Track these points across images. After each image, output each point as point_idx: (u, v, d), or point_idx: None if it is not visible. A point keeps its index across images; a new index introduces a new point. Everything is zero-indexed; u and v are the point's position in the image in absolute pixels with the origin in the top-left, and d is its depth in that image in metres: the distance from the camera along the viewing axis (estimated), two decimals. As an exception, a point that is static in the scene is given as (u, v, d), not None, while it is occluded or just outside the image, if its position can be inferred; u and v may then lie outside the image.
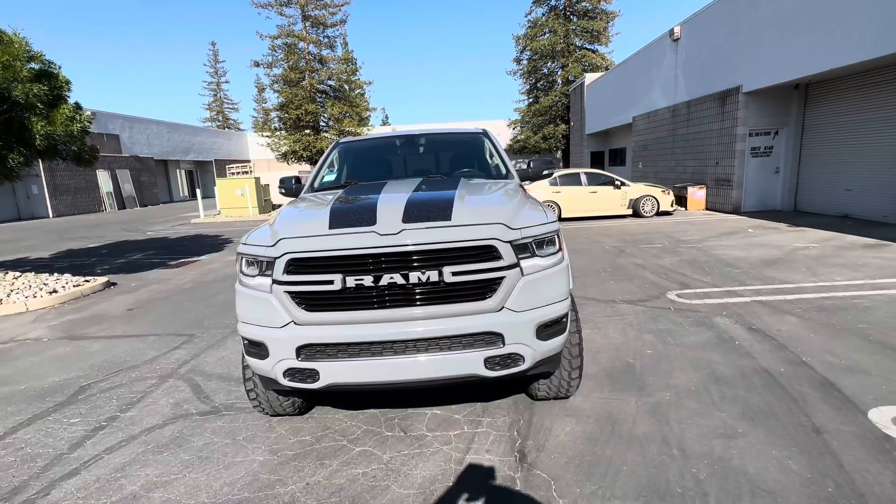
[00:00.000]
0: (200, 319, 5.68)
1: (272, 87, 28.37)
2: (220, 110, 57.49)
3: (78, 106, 7.76)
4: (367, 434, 2.98)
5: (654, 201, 12.97)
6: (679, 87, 15.77)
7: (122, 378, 4.07)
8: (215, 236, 13.96)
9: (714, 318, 4.79)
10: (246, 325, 2.58)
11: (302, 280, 2.37)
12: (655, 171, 17.85)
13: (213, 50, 56.66)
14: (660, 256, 7.88)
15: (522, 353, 2.43)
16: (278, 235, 2.46)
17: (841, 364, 3.60)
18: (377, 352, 2.38)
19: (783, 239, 8.87)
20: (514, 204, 2.70)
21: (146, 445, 2.99)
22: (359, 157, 4.45)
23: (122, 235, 15.35)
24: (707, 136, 14.17)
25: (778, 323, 4.54)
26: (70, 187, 25.49)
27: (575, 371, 2.97)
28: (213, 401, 3.57)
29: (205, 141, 40.70)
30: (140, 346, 4.89)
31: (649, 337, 4.37)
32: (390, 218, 2.40)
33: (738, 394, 3.23)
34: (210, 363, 4.29)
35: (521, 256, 2.44)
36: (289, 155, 28.15)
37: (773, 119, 12.57)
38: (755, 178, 12.95)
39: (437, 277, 2.31)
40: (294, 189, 4.04)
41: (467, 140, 4.47)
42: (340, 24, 28.79)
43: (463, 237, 2.33)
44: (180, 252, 11.18)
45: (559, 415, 3.08)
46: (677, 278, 6.39)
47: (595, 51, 32.73)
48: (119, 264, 9.88)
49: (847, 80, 10.72)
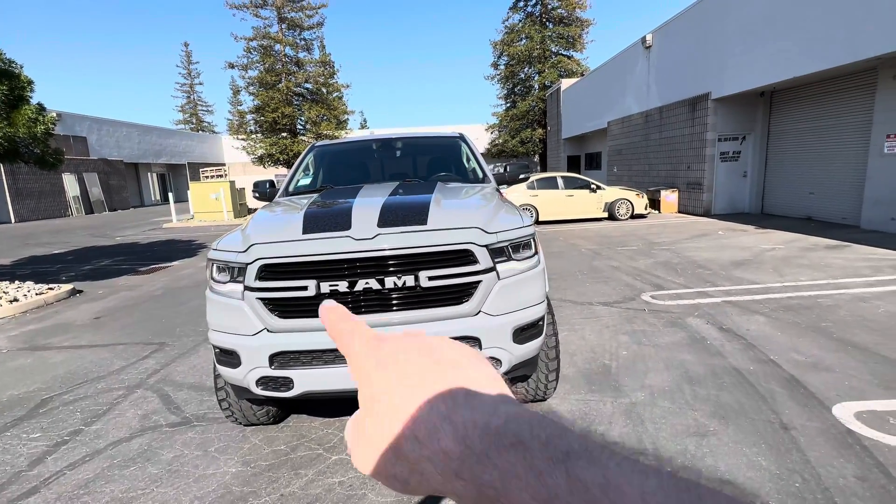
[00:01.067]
0: (171, 327, 5.51)
1: (248, 89, 27.94)
2: (193, 112, 56.19)
3: (41, 107, 7.47)
4: (343, 442, 2.94)
5: (629, 204, 13.23)
6: (652, 93, 16.17)
7: (87, 390, 3.91)
8: (188, 241, 13.59)
9: (687, 318, 4.90)
10: (217, 333, 2.51)
11: (275, 286, 2.32)
12: (630, 175, 18.23)
13: (185, 51, 55.40)
14: (634, 259, 8.03)
15: (499, 357, 2.44)
16: (250, 241, 2.41)
17: (806, 362, 3.72)
18: (353, 359, 2.34)
19: (751, 241, 9.16)
20: (490, 208, 2.71)
21: (112, 460, 2.88)
22: (334, 160, 4.40)
23: (89, 241, 14.81)
24: (679, 140, 14.56)
25: (747, 322, 4.68)
26: (34, 191, 24.48)
27: (552, 373, 2.99)
28: (184, 411, 3.46)
29: (178, 144, 39.68)
30: (107, 356, 4.71)
31: (625, 338, 4.44)
32: (365, 222, 2.37)
33: (710, 393, 3.30)
34: (181, 372, 4.16)
35: (498, 260, 2.44)
36: (265, 158, 27.72)
37: (740, 125, 13.00)
38: (725, 181, 13.36)
39: (413, 282, 2.30)
40: (268, 193, 3.97)
41: (444, 144, 4.47)
42: (318, 27, 28.57)
43: (439, 241, 2.32)
44: (151, 258, 10.85)
45: (537, 417, 3.09)
46: (651, 280, 6.52)
47: (571, 57, 33.34)
48: (86, 271, 9.52)
49: (808, 88, 11.17)
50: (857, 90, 9.93)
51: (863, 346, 3.96)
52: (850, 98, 10.15)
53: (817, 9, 9.40)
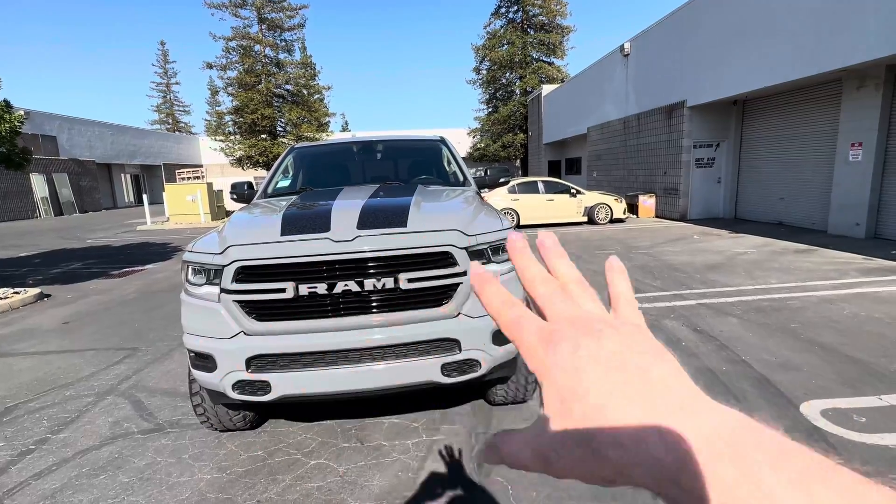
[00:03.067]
0: (145, 332, 5.37)
1: (226, 90, 27.50)
2: (170, 112, 54.95)
3: (7, 104, 7.23)
4: (322, 446, 2.91)
5: (608, 209, 13.46)
6: (630, 100, 16.52)
7: (55, 397, 3.78)
8: (163, 244, 13.27)
9: (663, 320, 5.00)
10: (192, 337, 2.46)
11: (252, 289, 2.29)
12: (609, 180, 18.55)
13: (162, 50, 54.18)
14: (613, 262, 8.15)
15: (479, 359, 2.45)
16: (227, 242, 2.37)
17: (775, 362, 3.84)
18: (332, 361, 2.33)
19: (725, 245, 9.41)
20: (470, 211, 2.73)
21: (80, 469, 2.78)
22: (314, 162, 4.37)
23: (58, 243, 14.31)
24: (656, 147, 14.90)
25: (720, 324, 4.80)
26: (-1, 191, 23.58)
27: (531, 375, 3.01)
28: (157, 418, 3.37)
29: (153, 144, 38.74)
30: (76, 361, 4.56)
31: (603, 340, 4.50)
32: (345, 224, 2.36)
33: (685, 393, 3.38)
34: (154, 378, 4.05)
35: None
36: (244, 160, 27.29)
37: (715, 132, 13.39)
38: (700, 187, 13.72)
39: (392, 284, 2.30)
40: (246, 195, 3.91)
41: (425, 147, 4.48)
42: (298, 28, 28.34)
43: (418, 244, 2.33)
44: (124, 261, 10.55)
45: (517, 419, 3.11)
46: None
47: (551, 63, 33.82)
48: (54, 274, 9.20)
49: (779, 97, 11.58)
50: (823, 100, 10.34)
51: (829, 346, 4.11)
52: (818, 108, 10.55)
53: (786, 22, 9.77)
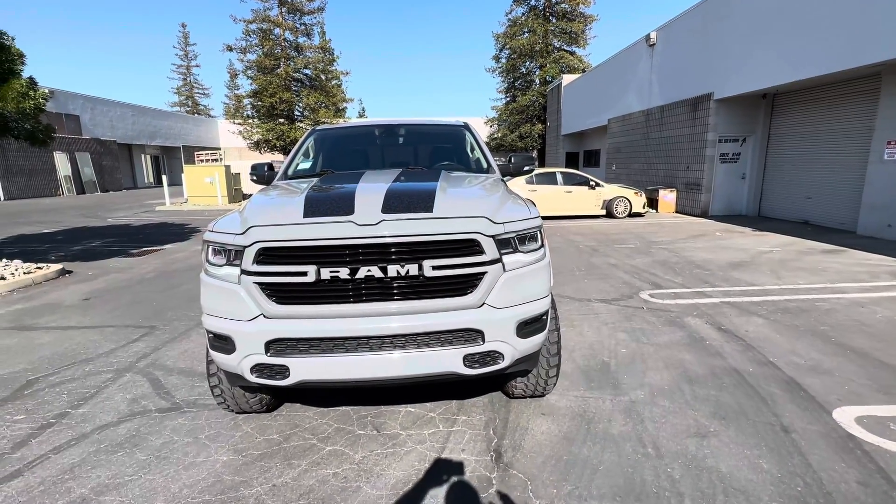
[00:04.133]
0: (163, 310, 5.41)
1: (245, 73, 27.56)
2: (189, 95, 55.41)
3: (32, 81, 7.27)
4: (338, 432, 2.88)
5: (627, 203, 13.20)
6: (653, 91, 16.10)
7: (75, 372, 3.82)
8: (181, 225, 13.41)
9: (685, 318, 4.87)
10: (211, 318, 2.42)
11: (273, 271, 2.24)
12: (628, 174, 18.21)
13: (183, 32, 54.53)
14: (632, 257, 8.00)
15: (502, 351, 2.38)
16: (248, 223, 2.32)
17: (805, 365, 3.70)
18: (352, 348, 2.27)
19: (748, 243, 9.16)
20: (496, 198, 2.64)
21: (98, 444, 2.80)
22: (335, 145, 4.30)
23: (80, 221, 14.57)
24: (679, 140, 14.52)
25: (746, 324, 4.66)
26: (24, 169, 24.06)
27: (553, 369, 2.94)
28: (174, 397, 3.38)
29: (173, 126, 39.13)
30: (96, 337, 4.61)
31: (623, 336, 4.40)
32: (369, 208, 2.29)
33: (710, 393, 3.27)
34: (172, 357, 4.07)
35: (504, 252, 2.37)
36: (261, 144, 27.43)
37: (741, 127, 12.98)
38: (723, 183, 13.36)
39: (416, 271, 2.23)
40: (266, 176, 3.87)
41: (448, 132, 4.38)
42: (318, 12, 28.19)
43: (445, 230, 2.25)
44: (143, 240, 10.68)
45: (535, 413, 3.05)
46: (650, 278, 6.49)
47: (573, 53, 33.14)
48: (76, 251, 9.35)
49: (811, 91, 11.16)
50: (859, 95, 9.92)
51: (861, 350, 3.95)
52: (853, 103, 10.14)
53: (823, 12, 9.35)
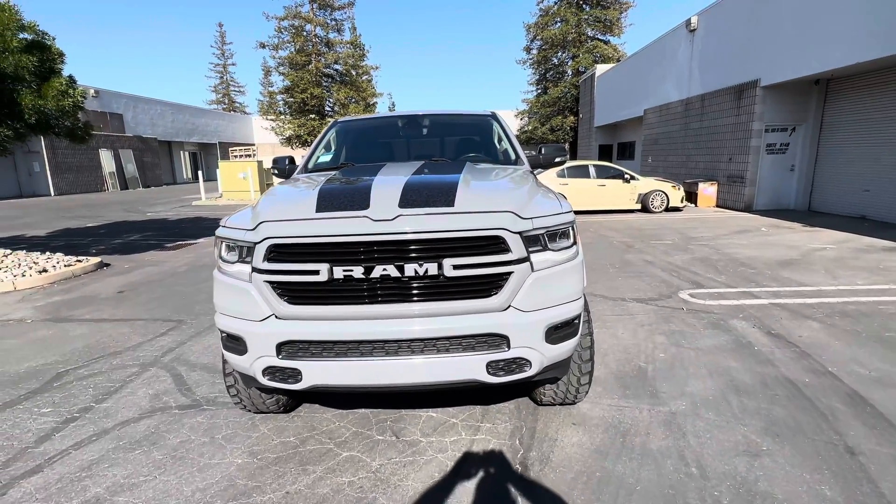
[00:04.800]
0: (191, 304, 5.46)
1: (278, 69, 28.01)
2: (226, 93, 56.99)
3: (72, 80, 7.48)
4: (356, 437, 2.75)
5: (664, 196, 12.63)
6: (694, 79, 15.32)
7: (103, 365, 3.86)
8: (215, 219, 13.73)
9: (730, 320, 4.52)
10: (223, 317, 2.33)
11: (284, 269, 2.11)
12: (665, 166, 17.46)
13: (220, 31, 56.05)
14: (670, 253, 7.59)
15: (529, 358, 2.18)
16: (259, 218, 2.20)
17: (870, 376, 3.33)
18: (367, 352, 2.12)
19: (798, 239, 8.55)
20: (524, 191, 2.43)
21: (118, 441, 2.77)
22: (358, 137, 4.17)
23: (121, 216, 15.15)
24: (721, 130, 13.77)
25: (799, 328, 4.27)
26: (72, 166, 25.28)
27: (585, 376, 2.72)
28: (195, 393, 3.34)
29: (209, 123, 40.33)
30: (126, 330, 4.67)
31: (661, 339, 4.11)
32: (385, 202, 2.13)
33: (761, 406, 2.97)
34: (196, 352, 4.06)
35: (532, 249, 2.17)
36: (293, 139, 27.87)
37: (790, 115, 12.16)
38: (769, 175, 12.58)
39: (436, 270, 2.05)
40: (287, 170, 3.78)
41: (474, 122, 4.17)
42: (348, 7, 28.30)
43: (467, 226, 2.06)
44: (178, 234, 10.97)
45: (566, 423, 2.84)
46: (689, 277, 6.11)
47: (607, 42, 32.09)
48: (115, 245, 9.67)
49: (871, 75, 10.29)
50: (928, 78, 9.07)
51: (936, 361, 3.53)
52: (920, 87, 9.28)
53: (888, -13, 8.57)
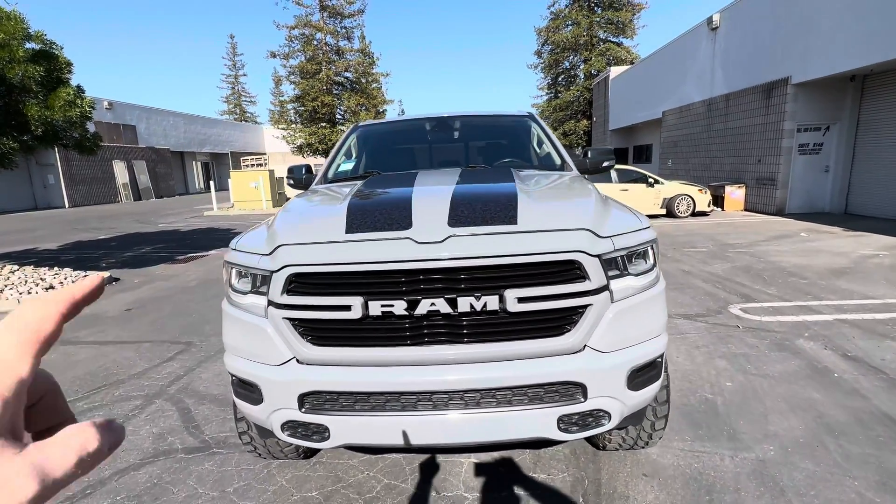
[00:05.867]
0: (201, 324, 5.11)
1: (289, 78, 27.97)
2: (237, 103, 57.47)
3: (80, 89, 7.25)
4: (387, 490, 2.34)
5: (690, 201, 12.10)
6: (716, 79, 14.78)
7: (104, 396, 3.51)
8: (227, 230, 13.50)
9: (796, 340, 4.04)
10: (234, 358, 1.94)
11: (308, 304, 1.72)
12: (687, 169, 16.89)
13: (231, 43, 56.65)
14: (708, 262, 7.09)
15: (609, 409, 1.75)
16: (277, 240, 1.81)
17: (984, 411, 2.84)
18: (410, 405, 1.72)
19: (844, 245, 7.99)
20: (594, 203, 2.01)
21: (115, 496, 2.40)
22: (381, 142, 3.79)
23: (133, 227, 15.00)
24: (748, 131, 13.20)
25: (878, 350, 3.78)
26: (86, 177, 25.38)
27: (661, 420, 2.28)
28: (204, 432, 2.97)
29: (221, 133, 40.54)
30: (131, 355, 4.33)
31: (723, 363, 3.65)
32: (431, 219, 1.73)
33: (866, 451, 2.50)
34: (205, 380, 3.70)
35: (611, 276, 1.76)
36: (304, 148, 27.75)
37: (824, 113, 11.58)
38: (802, 177, 11.98)
39: (496, 304, 1.64)
40: (304, 180, 3.41)
41: (510, 125, 3.77)
42: (358, 14, 28.20)
43: (535, 248, 1.65)
44: (189, 246, 10.71)
45: (635, 474, 2.40)
46: (735, 289, 5.62)
47: (620, 44, 31.61)
48: (126, 258, 9.42)
49: (913, 70, 9.72)
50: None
51: None
52: (970, 81, 8.69)
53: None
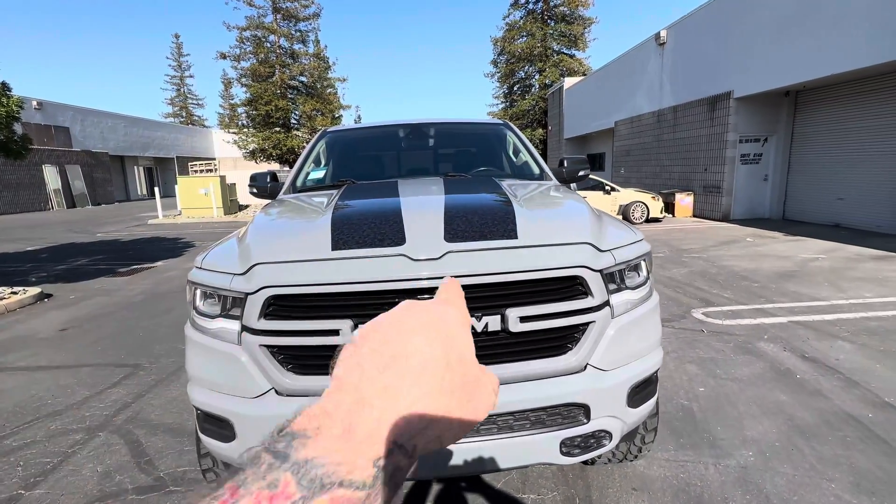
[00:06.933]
0: (150, 343, 4.70)
1: (240, 81, 26.89)
2: (183, 105, 54.77)
3: (5, 86, 6.59)
4: None
5: (645, 207, 12.58)
6: (665, 91, 15.54)
7: (37, 432, 3.11)
8: (174, 239, 12.69)
9: (757, 342, 4.20)
10: (199, 390, 1.72)
11: (289, 329, 1.54)
12: (638, 177, 17.61)
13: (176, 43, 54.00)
14: (666, 267, 7.34)
15: (610, 429, 1.69)
16: (253, 257, 1.62)
17: (933, 406, 3.03)
18: (404, 436, 1.57)
19: (786, 249, 8.52)
20: (589, 215, 1.95)
21: (53, 551, 2.09)
22: (352, 149, 3.61)
23: (67, 237, 13.81)
24: (695, 141, 13.93)
25: (832, 350, 3.99)
26: (11, 183, 23.26)
27: (650, 434, 2.26)
28: (157, 468, 2.67)
29: (166, 136, 38.43)
30: (69, 381, 3.89)
31: (694, 368, 3.73)
32: (426, 234, 1.61)
33: (837, 452, 2.59)
34: (157, 408, 3.36)
35: (611, 290, 1.70)
36: (257, 153, 26.74)
37: (763, 126, 12.40)
38: (745, 185, 12.75)
39: (497, 325, 1.54)
40: (269, 188, 3.18)
41: (486, 132, 3.70)
42: (313, 18, 27.60)
43: (538, 264, 1.56)
44: (133, 257, 9.95)
45: (625, 488, 2.36)
46: (695, 293, 5.82)
47: (573, 56, 32.71)
48: (59, 271, 8.61)
49: (840, 87, 10.58)
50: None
51: None
52: (888, 98, 9.54)
53: (856, 1, 8.78)
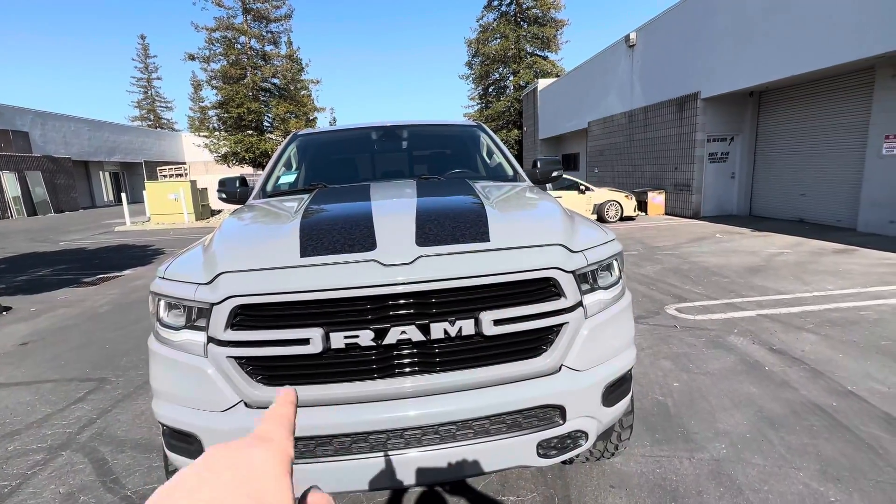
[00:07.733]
0: (116, 356, 4.53)
1: (210, 83, 26.28)
2: (151, 108, 53.15)
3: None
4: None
5: (619, 206, 12.82)
6: (636, 92, 15.88)
7: (-6, 453, 2.95)
8: (143, 247, 12.29)
9: (727, 337, 4.32)
10: (165, 405, 1.66)
11: (257, 339, 1.50)
12: (612, 176, 17.94)
13: (142, 44, 52.37)
14: (640, 265, 7.48)
15: (586, 429, 1.70)
16: (218, 267, 1.57)
17: (891, 392, 3.16)
18: (379, 444, 1.54)
19: (754, 244, 8.80)
20: (561, 216, 1.97)
21: (11, 580, 1.98)
22: (324, 152, 3.55)
23: (27, 247, 13.22)
24: (665, 141, 14.28)
25: (797, 342, 4.13)
26: (-34, 191, 22.15)
27: (626, 431, 2.29)
28: (125, 486, 2.57)
29: (133, 141, 37.23)
30: (29, 398, 3.71)
31: (667, 364, 3.80)
32: (397, 238, 1.59)
33: (804, 441, 2.68)
34: (124, 423, 3.24)
35: (584, 290, 1.71)
36: (229, 157, 26.17)
37: (729, 125, 12.80)
38: (713, 183, 13.13)
39: (472, 328, 1.53)
40: (238, 193, 3.10)
41: (459, 134, 3.70)
42: (285, 20, 27.21)
43: (510, 266, 1.56)
44: (98, 266, 9.58)
45: (603, 486, 2.38)
46: (668, 290, 5.95)
47: (546, 57, 33.15)
48: (19, 282, 8.23)
49: (800, 88, 11.01)
50: (852, 90, 9.76)
51: (943, 370, 3.45)
52: (846, 98, 9.98)
53: (813, 7, 9.16)
